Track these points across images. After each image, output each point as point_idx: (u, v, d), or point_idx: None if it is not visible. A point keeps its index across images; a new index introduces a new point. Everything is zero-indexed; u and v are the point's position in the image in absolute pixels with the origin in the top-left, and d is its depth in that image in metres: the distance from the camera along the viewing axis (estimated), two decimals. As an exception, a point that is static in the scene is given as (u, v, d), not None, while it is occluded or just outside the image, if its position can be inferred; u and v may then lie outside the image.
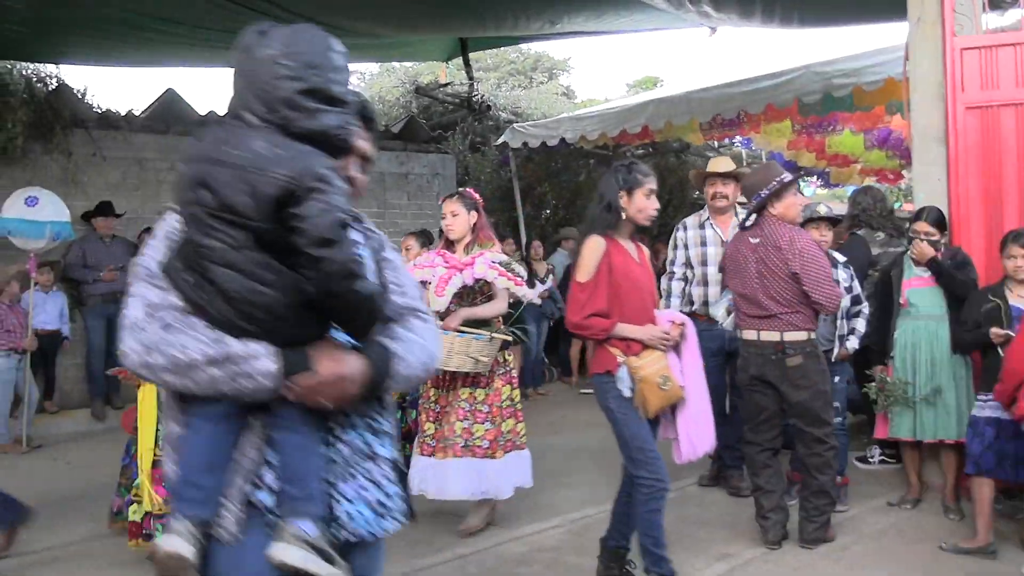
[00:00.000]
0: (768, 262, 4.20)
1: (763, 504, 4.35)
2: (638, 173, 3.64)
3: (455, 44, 10.53)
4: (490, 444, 4.43)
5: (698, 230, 5.51)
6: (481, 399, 4.47)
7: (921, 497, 4.93)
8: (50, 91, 7.92)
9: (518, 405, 4.62)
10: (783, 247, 4.16)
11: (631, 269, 3.64)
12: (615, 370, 3.58)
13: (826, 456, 4.24)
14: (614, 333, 3.58)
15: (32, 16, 6.56)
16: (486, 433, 4.43)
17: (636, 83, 23.86)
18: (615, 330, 3.57)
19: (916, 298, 4.84)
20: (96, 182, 8.23)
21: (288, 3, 6.75)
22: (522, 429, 4.60)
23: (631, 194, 3.62)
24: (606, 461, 6.13)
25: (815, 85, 7.18)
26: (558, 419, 7.84)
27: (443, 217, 4.62)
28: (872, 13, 7.07)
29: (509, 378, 4.59)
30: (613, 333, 3.58)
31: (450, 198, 4.66)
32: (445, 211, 4.60)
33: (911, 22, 5.10)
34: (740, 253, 4.34)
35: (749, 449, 4.43)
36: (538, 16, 8.09)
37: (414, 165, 10.55)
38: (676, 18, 7.80)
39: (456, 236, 4.59)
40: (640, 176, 3.63)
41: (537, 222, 11.17)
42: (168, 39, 7.56)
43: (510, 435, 4.53)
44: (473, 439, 4.42)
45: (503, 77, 21.03)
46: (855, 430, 5.99)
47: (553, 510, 5.03)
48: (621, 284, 3.58)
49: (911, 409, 4.77)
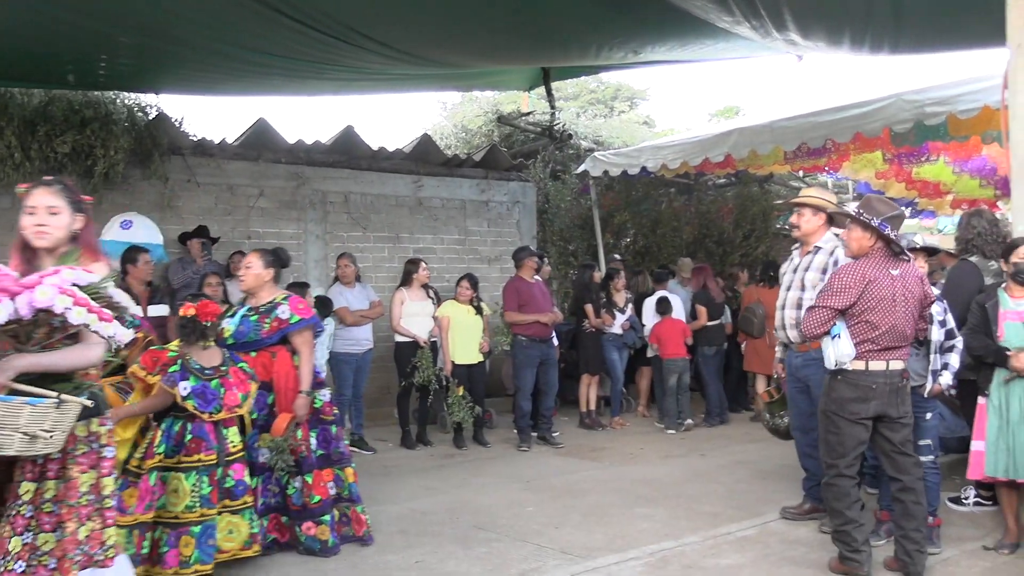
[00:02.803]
0: (911, 294, 4.32)
1: (857, 537, 4.30)
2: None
3: (537, 73, 10.62)
4: (57, 564, 2.87)
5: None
6: (49, 496, 2.91)
7: (1019, 542, 4.71)
8: (150, 120, 8.26)
9: (108, 502, 3.04)
10: (922, 280, 4.40)
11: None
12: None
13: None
14: None
15: (137, 50, 6.88)
16: (55, 548, 2.88)
17: (718, 113, 23.66)
18: None
19: (1012, 332, 4.66)
20: (190, 207, 8.55)
21: (379, 35, 6.92)
22: (112, 536, 3.04)
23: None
24: (685, 494, 6.06)
25: (906, 113, 7.01)
26: (636, 450, 7.76)
27: (29, 213, 3.04)
28: (968, 40, 6.86)
29: (95, 459, 3.01)
30: None
31: (44, 187, 3.08)
32: (34, 203, 3.04)
33: (1011, 48, 4.94)
34: (886, 284, 4.27)
35: (844, 483, 4.33)
36: (622, 46, 8.10)
37: (495, 193, 10.65)
38: (762, 46, 7.71)
39: (47, 243, 3.05)
40: None
41: (617, 250, 11.13)
42: (261, 70, 7.81)
43: (90, 545, 2.93)
44: (37, 557, 2.86)
45: (583, 106, 21.10)
46: (947, 469, 5.77)
47: (630, 541, 4.96)
48: None
49: (1007, 448, 4.58)
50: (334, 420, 5.04)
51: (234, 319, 4.85)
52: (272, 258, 5.06)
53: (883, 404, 4.27)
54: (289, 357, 4.84)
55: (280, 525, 4.81)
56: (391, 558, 4.75)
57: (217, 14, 6.16)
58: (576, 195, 11.18)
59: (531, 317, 7.97)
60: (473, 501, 5.97)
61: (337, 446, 5.01)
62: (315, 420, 4.94)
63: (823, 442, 4.44)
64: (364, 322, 7.84)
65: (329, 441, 4.97)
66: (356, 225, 9.57)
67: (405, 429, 8.06)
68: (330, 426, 5.00)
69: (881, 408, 4.27)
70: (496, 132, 12.46)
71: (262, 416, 4.75)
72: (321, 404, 4.97)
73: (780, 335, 5.44)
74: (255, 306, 4.92)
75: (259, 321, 4.84)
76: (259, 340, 4.82)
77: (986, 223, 5.49)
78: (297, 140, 9.33)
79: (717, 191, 12.91)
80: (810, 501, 5.36)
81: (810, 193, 5.45)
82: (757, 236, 11.70)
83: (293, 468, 4.75)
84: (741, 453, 7.49)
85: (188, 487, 4.16)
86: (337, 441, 5.02)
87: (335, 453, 4.98)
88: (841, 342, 4.25)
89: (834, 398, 4.33)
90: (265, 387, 4.75)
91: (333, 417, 5.04)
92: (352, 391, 7.76)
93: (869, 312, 4.22)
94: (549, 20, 7.30)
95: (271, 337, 4.82)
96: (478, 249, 10.50)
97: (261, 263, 4.96)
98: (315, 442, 4.90)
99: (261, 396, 4.72)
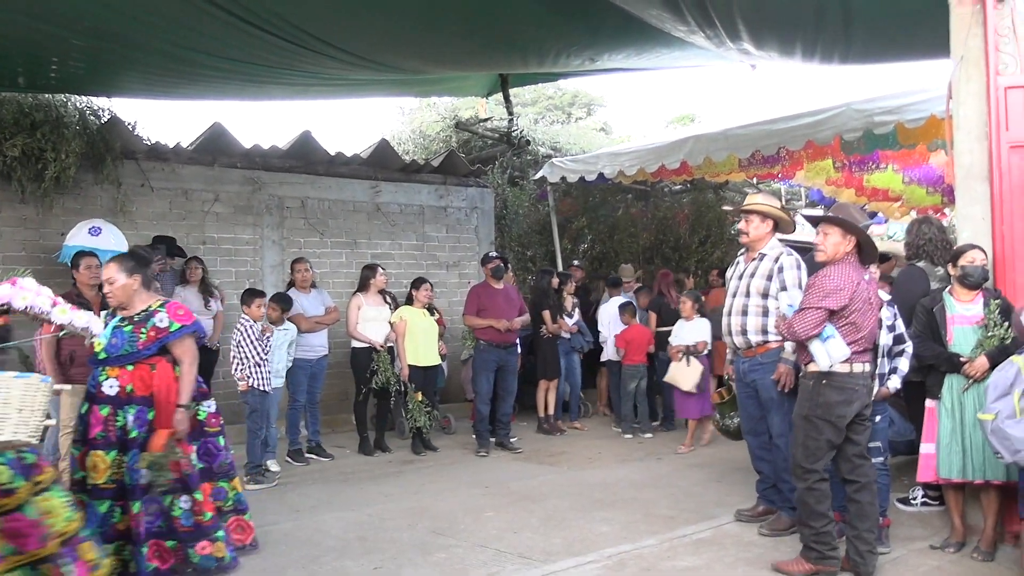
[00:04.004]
0: (876, 298, 4.46)
1: (835, 535, 4.44)
2: None
3: (495, 80, 10.67)
4: None
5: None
6: None
7: (965, 540, 4.83)
8: (102, 123, 8.14)
9: None
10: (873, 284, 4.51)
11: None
12: None
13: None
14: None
15: (91, 53, 6.77)
16: None
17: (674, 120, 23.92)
18: None
19: (961, 337, 4.78)
20: (144, 212, 8.43)
21: (337, 40, 6.90)
22: None
23: None
24: (642, 497, 6.12)
25: (856, 122, 7.17)
26: (594, 454, 7.81)
27: None
28: (914, 51, 7.05)
29: None
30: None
31: None
32: None
33: (954, 61, 5.08)
34: (864, 287, 4.37)
35: (824, 485, 4.38)
36: (579, 53, 8.18)
37: (453, 199, 10.66)
38: (717, 55, 7.84)
39: None
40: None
41: (574, 256, 11.21)
42: (217, 74, 7.74)
43: None
44: None
45: (541, 112, 21.21)
46: (896, 471, 5.90)
47: (588, 545, 5.00)
48: None
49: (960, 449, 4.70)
50: (219, 432, 4.77)
51: (105, 332, 4.43)
52: (132, 263, 4.59)
53: (861, 405, 4.37)
54: (170, 369, 4.50)
55: (163, 551, 4.39)
56: (349, 564, 4.73)
57: (173, 18, 6.09)
58: (534, 201, 11.24)
59: (485, 322, 8.00)
60: (432, 507, 5.97)
61: (221, 459, 4.72)
62: (198, 432, 4.64)
63: (801, 447, 4.41)
64: (320, 328, 7.78)
65: (212, 454, 4.68)
66: (313, 231, 9.52)
67: (363, 435, 8.03)
68: (215, 438, 4.73)
69: (859, 409, 4.37)
70: (454, 138, 12.48)
71: (142, 434, 4.38)
72: (205, 416, 4.70)
73: (728, 341, 5.51)
74: (128, 315, 4.53)
75: (134, 332, 4.46)
76: (135, 352, 4.44)
77: (936, 230, 5.64)
78: (253, 145, 9.25)
79: (673, 197, 13.07)
80: (764, 503, 5.45)
81: (758, 200, 5.52)
82: (713, 242, 11.88)
83: (176, 486, 4.41)
84: (696, 456, 7.58)
85: None
86: (221, 453, 4.73)
87: (220, 466, 4.71)
88: (836, 343, 4.29)
89: (821, 403, 4.34)
90: (145, 402, 4.41)
91: (219, 428, 4.76)
92: (307, 397, 7.70)
93: (856, 314, 4.30)
94: (506, 27, 7.35)
95: (148, 348, 4.45)
96: (436, 255, 10.50)
97: (123, 273, 4.52)
98: (195, 456, 4.60)
99: (141, 412, 4.40)
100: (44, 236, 7.76)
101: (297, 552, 4.95)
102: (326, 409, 8.42)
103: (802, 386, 4.49)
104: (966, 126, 5.05)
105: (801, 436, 4.42)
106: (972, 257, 4.75)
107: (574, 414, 9.46)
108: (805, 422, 4.39)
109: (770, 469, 5.38)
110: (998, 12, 4.89)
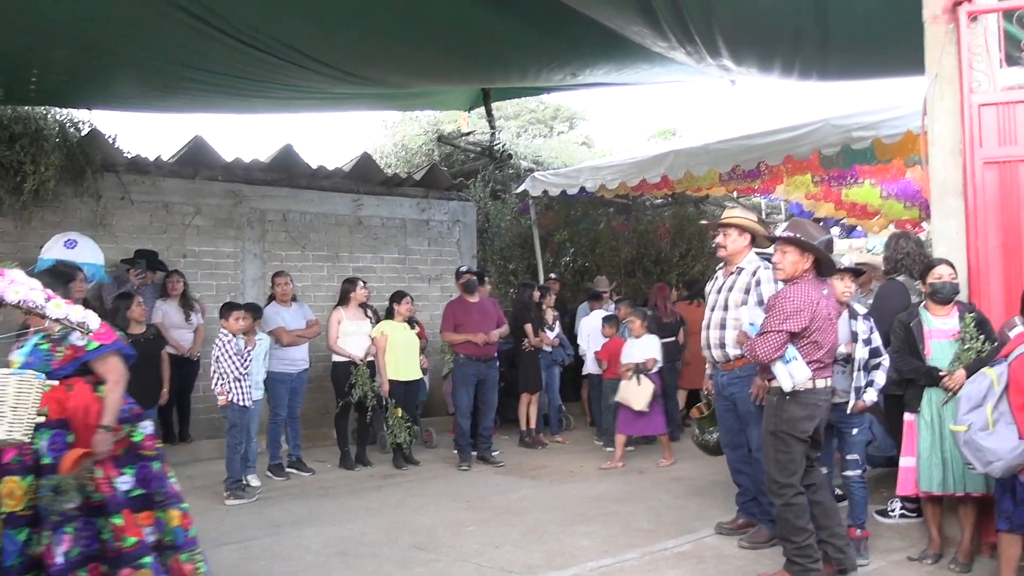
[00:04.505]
0: (835, 313, 4.51)
1: (816, 547, 4.41)
2: None
3: (477, 94, 10.72)
4: None
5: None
6: None
7: (943, 552, 4.87)
8: (82, 136, 8.11)
9: None
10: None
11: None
12: None
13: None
14: None
15: (72, 65, 6.76)
16: None
17: (656, 134, 24.07)
18: None
19: (939, 350, 4.83)
20: (124, 225, 8.40)
21: (318, 54, 6.92)
22: None
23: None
24: (623, 511, 6.12)
25: (834, 137, 7.26)
26: (576, 468, 7.82)
27: None
28: (890, 69, 7.16)
29: None
30: None
31: None
32: None
33: (929, 78, 5.16)
34: (823, 305, 4.41)
35: (801, 499, 4.40)
36: (561, 68, 8.24)
37: (435, 212, 10.68)
38: (697, 71, 7.92)
39: None
40: None
41: (556, 269, 11.25)
42: (199, 87, 7.74)
43: None
44: None
45: (524, 126, 21.28)
46: (875, 483, 5.94)
47: (569, 559, 5.00)
48: None
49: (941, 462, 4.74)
50: (157, 456, 4.36)
51: (24, 349, 4.15)
52: (50, 279, 4.18)
53: (822, 420, 4.44)
54: (89, 389, 4.16)
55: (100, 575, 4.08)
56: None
57: (155, 31, 6.10)
58: (516, 214, 11.27)
59: (463, 337, 8.00)
60: (413, 521, 5.95)
61: (160, 485, 4.30)
62: (133, 456, 4.26)
63: (774, 462, 4.43)
64: (301, 342, 7.75)
65: (149, 480, 4.27)
66: (295, 244, 9.50)
67: (344, 450, 7.99)
68: (150, 463, 4.32)
69: (820, 424, 4.42)
70: (436, 151, 12.51)
71: (56, 460, 4.02)
72: (141, 438, 4.31)
73: (707, 354, 5.54)
74: (48, 333, 4.15)
75: (51, 350, 4.12)
76: (50, 372, 4.02)
77: (913, 244, 5.71)
78: (235, 158, 9.25)
79: (655, 211, 13.14)
80: (743, 516, 5.47)
81: (735, 214, 5.56)
82: (694, 255, 11.93)
83: (76, 513, 4.01)
84: (677, 470, 7.60)
85: None
86: (160, 480, 4.32)
87: (157, 493, 4.28)
88: (798, 365, 4.30)
89: (785, 418, 4.37)
90: (62, 426, 4.06)
91: (155, 452, 4.36)
92: (288, 411, 7.67)
93: (816, 332, 4.33)
94: (488, 42, 7.40)
95: (64, 368, 4.10)
96: (418, 268, 10.50)
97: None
98: (132, 480, 4.19)
99: (58, 436, 4.06)
100: (23, 249, 7.70)
101: (277, 568, 4.92)
102: (307, 423, 8.39)
103: (767, 402, 4.54)
104: (940, 142, 5.12)
105: (772, 452, 4.44)
106: (940, 273, 4.81)
107: (555, 427, 9.46)
108: (773, 438, 4.42)
109: (750, 482, 5.41)
110: (971, 31, 4.97)
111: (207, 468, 7.74)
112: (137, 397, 4.44)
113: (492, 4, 6.55)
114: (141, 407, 4.35)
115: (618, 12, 6.28)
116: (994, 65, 5.03)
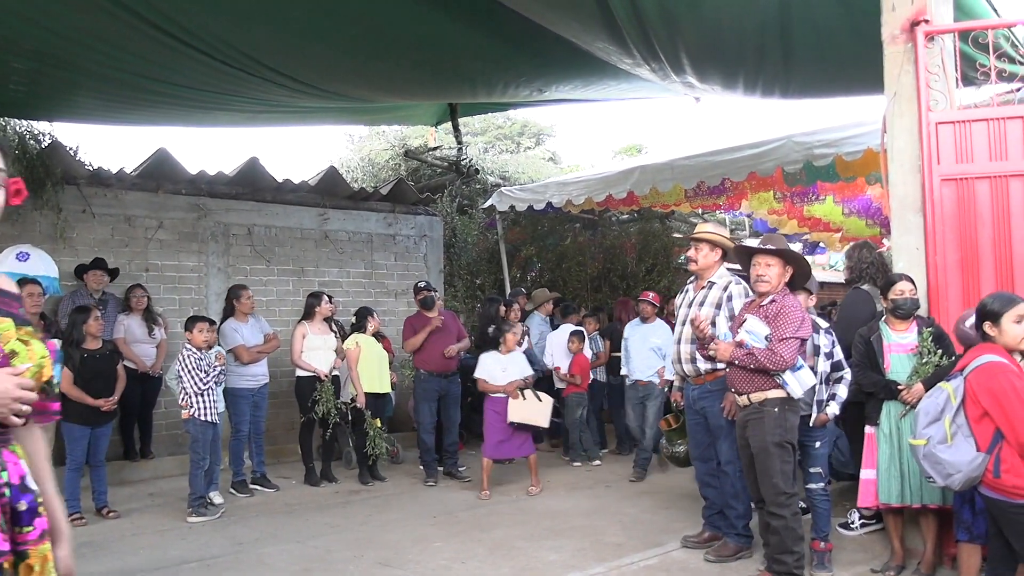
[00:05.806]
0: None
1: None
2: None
3: (444, 109, 10.73)
4: None
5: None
6: None
7: (904, 564, 4.93)
8: (43, 148, 7.99)
9: None
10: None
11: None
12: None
13: None
14: None
15: (32, 76, 6.66)
16: None
17: (622, 150, 24.26)
18: None
19: (898, 364, 4.90)
20: (85, 238, 8.27)
21: (284, 68, 6.90)
22: None
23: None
24: (591, 525, 6.12)
25: (796, 154, 7.37)
26: (544, 482, 7.80)
27: None
28: (851, 87, 7.29)
29: None
30: None
31: None
32: None
33: (888, 97, 5.26)
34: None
35: (798, 507, 4.62)
36: (528, 84, 8.28)
37: (402, 227, 10.66)
38: (662, 88, 8.00)
39: None
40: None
41: (523, 284, 11.26)
42: (164, 100, 7.67)
43: None
44: None
45: (491, 142, 21.36)
46: (838, 496, 6.00)
47: (538, 573, 4.99)
48: None
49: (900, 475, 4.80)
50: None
51: None
52: None
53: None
54: None
55: None
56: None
57: (118, 43, 6.03)
58: (483, 229, 11.30)
59: (422, 337, 7.90)
60: (378, 538, 5.90)
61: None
62: None
63: (780, 474, 4.45)
64: (261, 358, 7.66)
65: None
66: (260, 258, 9.42)
67: (309, 466, 7.90)
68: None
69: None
70: (403, 166, 12.51)
71: None
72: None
73: (677, 368, 5.58)
74: None
75: None
76: None
77: (876, 254, 5.87)
78: (199, 171, 9.15)
79: (621, 227, 13.24)
80: (709, 529, 5.50)
81: (707, 229, 5.63)
82: (659, 270, 12.02)
83: None
84: (644, 484, 7.62)
85: None
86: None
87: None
88: (805, 372, 4.43)
89: (789, 427, 4.47)
90: None
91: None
92: (251, 427, 7.57)
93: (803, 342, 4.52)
94: (455, 58, 7.42)
95: None
96: (385, 283, 10.46)
97: None
98: None
99: None
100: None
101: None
102: (271, 439, 8.29)
103: (764, 414, 4.51)
104: (900, 159, 5.21)
105: (777, 463, 4.46)
106: (901, 289, 4.89)
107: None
108: (779, 448, 4.46)
109: (716, 495, 5.44)
110: (928, 51, 5.08)
111: (169, 485, 7.63)
112: (92, 412, 4.29)
113: (459, 20, 6.57)
114: (97, 422, 4.19)
115: (584, 28, 6.33)
116: (951, 84, 5.14)
